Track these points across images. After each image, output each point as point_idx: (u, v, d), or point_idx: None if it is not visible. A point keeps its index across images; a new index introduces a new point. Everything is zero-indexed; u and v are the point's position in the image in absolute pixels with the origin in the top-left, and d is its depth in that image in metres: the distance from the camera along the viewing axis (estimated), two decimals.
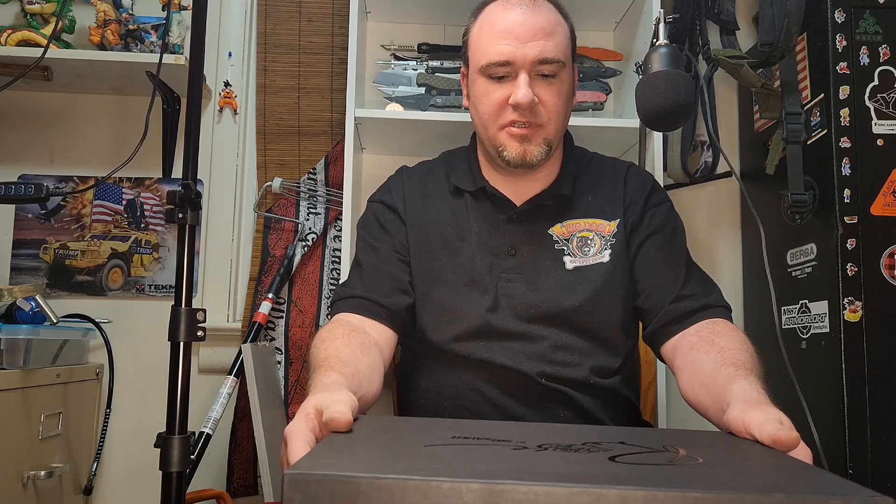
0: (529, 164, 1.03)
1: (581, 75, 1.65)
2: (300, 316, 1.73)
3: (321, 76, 1.80)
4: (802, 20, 1.34)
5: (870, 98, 1.36)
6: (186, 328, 0.93)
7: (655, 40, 1.11)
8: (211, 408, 1.52)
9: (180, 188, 0.96)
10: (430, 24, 1.82)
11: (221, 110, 1.82)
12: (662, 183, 1.49)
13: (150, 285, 1.76)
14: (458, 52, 1.62)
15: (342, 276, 1.55)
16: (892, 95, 1.36)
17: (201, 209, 0.99)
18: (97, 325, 1.68)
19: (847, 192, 1.33)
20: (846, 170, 1.34)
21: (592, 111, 1.65)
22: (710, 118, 1.65)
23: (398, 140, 1.68)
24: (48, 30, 1.63)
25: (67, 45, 1.70)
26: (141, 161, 1.39)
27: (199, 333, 0.94)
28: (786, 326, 1.49)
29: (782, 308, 1.50)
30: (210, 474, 1.66)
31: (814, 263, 1.41)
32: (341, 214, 1.61)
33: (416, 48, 1.78)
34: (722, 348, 0.88)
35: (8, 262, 1.74)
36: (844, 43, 1.37)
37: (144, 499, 1.68)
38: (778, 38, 1.36)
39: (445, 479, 0.44)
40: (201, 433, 1.48)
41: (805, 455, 0.61)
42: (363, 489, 0.44)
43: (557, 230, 1.07)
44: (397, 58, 1.73)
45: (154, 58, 1.48)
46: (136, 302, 1.76)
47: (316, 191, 1.77)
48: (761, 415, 0.65)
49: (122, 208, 1.78)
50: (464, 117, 1.47)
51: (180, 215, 0.96)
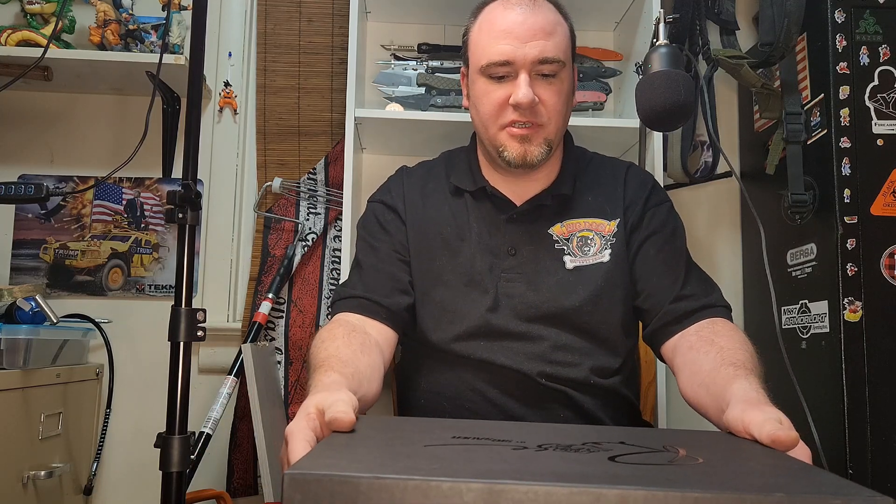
0: (530, 165, 1.03)
1: (581, 75, 1.65)
2: (300, 316, 1.73)
3: (321, 76, 1.80)
4: (802, 20, 1.34)
5: (870, 98, 1.36)
6: (186, 328, 0.93)
7: (655, 40, 1.11)
8: (211, 408, 1.52)
9: (180, 188, 0.96)
10: (430, 24, 1.82)
11: (221, 110, 1.82)
12: (662, 183, 1.49)
13: (150, 285, 1.76)
14: (458, 52, 1.62)
15: (342, 277, 1.55)
16: (892, 95, 1.36)
17: (201, 209, 0.99)
18: (97, 325, 1.68)
19: (847, 192, 1.33)
20: (846, 170, 1.34)
21: (592, 111, 1.65)
22: (710, 118, 1.65)
23: (398, 140, 1.68)
24: (48, 30, 1.63)
25: (67, 45, 1.70)
26: (141, 161, 1.39)
27: (199, 333, 0.94)
28: (786, 326, 1.49)
29: (782, 308, 1.50)
30: (210, 474, 1.66)
31: (814, 263, 1.41)
32: (341, 214, 1.61)
33: (416, 48, 1.78)
34: (721, 348, 0.88)
35: (8, 262, 1.74)
36: (844, 43, 1.37)
37: (144, 499, 1.68)
38: (778, 38, 1.36)
39: (445, 479, 0.44)
40: (201, 433, 1.48)
41: (804, 455, 0.62)
42: (363, 489, 0.44)
43: (557, 230, 1.07)
44: (397, 58, 1.73)
45: (154, 58, 1.48)
46: (136, 302, 1.76)
47: (316, 191, 1.77)
48: (760, 414, 0.65)
49: (122, 208, 1.78)
50: (464, 117, 1.47)
51: (180, 215, 0.96)
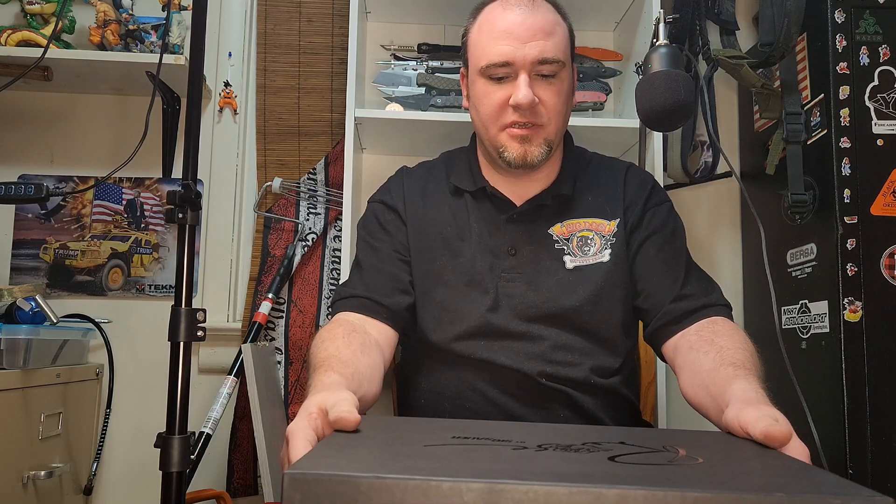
0: (530, 165, 1.03)
1: (581, 75, 1.65)
2: (300, 316, 1.73)
3: (321, 76, 1.80)
4: (802, 20, 1.34)
5: (870, 98, 1.36)
6: (186, 328, 0.93)
7: (655, 40, 1.11)
8: (211, 408, 1.52)
9: (180, 188, 0.96)
10: (430, 24, 1.82)
11: (221, 110, 1.82)
12: (662, 183, 1.49)
13: (150, 285, 1.76)
14: (458, 53, 1.62)
15: (342, 276, 1.55)
16: (892, 95, 1.36)
17: (201, 209, 0.99)
18: (97, 325, 1.68)
19: (847, 192, 1.33)
20: (846, 170, 1.34)
21: (592, 111, 1.65)
22: (710, 118, 1.65)
23: (398, 140, 1.68)
24: (48, 30, 1.63)
25: (67, 45, 1.70)
26: (141, 161, 1.40)
27: (199, 333, 0.94)
28: (786, 326, 1.49)
29: (782, 308, 1.50)
30: (210, 474, 1.66)
31: (814, 263, 1.41)
32: (341, 214, 1.61)
33: (416, 48, 1.78)
34: (721, 348, 0.88)
35: (8, 262, 1.74)
36: (844, 43, 1.37)
37: (144, 499, 1.68)
38: (778, 38, 1.36)
39: (445, 479, 0.44)
40: (201, 433, 1.48)
41: (801, 452, 0.61)
42: (363, 489, 0.44)
43: (557, 230, 1.07)
44: (397, 58, 1.73)
45: (154, 58, 1.48)
46: (136, 302, 1.76)
47: (316, 191, 1.77)
48: (756, 412, 0.65)
49: (122, 208, 1.78)
50: (464, 117, 1.47)
51: (180, 215, 0.96)
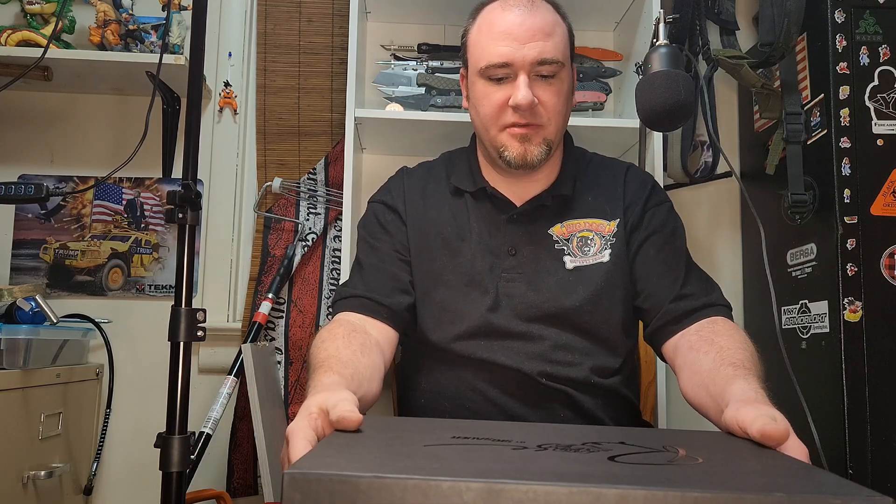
0: (530, 165, 1.03)
1: (581, 75, 1.65)
2: (300, 316, 1.73)
3: (321, 76, 1.80)
4: (802, 20, 1.34)
5: (870, 98, 1.36)
6: (186, 328, 0.93)
7: (655, 40, 1.11)
8: (211, 408, 1.52)
9: (180, 188, 0.96)
10: (430, 24, 1.82)
11: (221, 110, 1.82)
12: (662, 183, 1.49)
13: (150, 285, 1.76)
14: (458, 53, 1.61)
15: (342, 276, 1.55)
16: (892, 95, 1.36)
17: (201, 209, 0.99)
18: (97, 325, 1.68)
19: (847, 192, 1.33)
20: (846, 170, 1.34)
21: (592, 111, 1.65)
22: (710, 118, 1.65)
23: (398, 140, 1.68)
24: (48, 30, 1.63)
25: (67, 45, 1.70)
26: (141, 161, 1.40)
27: (199, 333, 0.94)
28: (786, 326, 1.49)
29: (782, 308, 1.50)
30: (210, 474, 1.66)
31: (814, 263, 1.41)
32: (341, 214, 1.61)
33: (416, 48, 1.78)
34: (721, 348, 0.88)
35: (8, 262, 1.74)
36: (844, 43, 1.37)
37: (144, 499, 1.68)
38: (778, 38, 1.36)
39: (445, 479, 0.44)
40: (201, 433, 1.48)
41: (800, 452, 0.61)
42: (363, 488, 0.44)
43: (557, 230, 1.07)
44: (397, 58, 1.73)
45: (154, 58, 1.48)
46: (136, 302, 1.76)
47: (316, 191, 1.77)
48: (754, 411, 0.65)
49: (122, 208, 1.78)
50: (464, 117, 1.47)
51: (180, 215, 0.96)
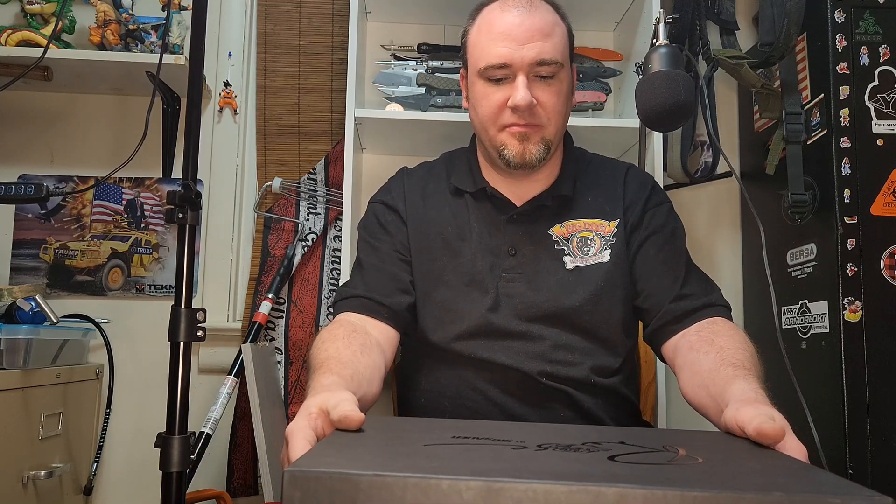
0: (529, 165, 1.03)
1: (581, 75, 1.65)
2: (300, 316, 1.73)
3: (321, 76, 1.80)
4: (802, 20, 1.34)
5: (870, 98, 1.36)
6: (186, 328, 0.93)
7: (655, 40, 1.12)
8: (211, 408, 1.52)
9: (180, 188, 0.96)
10: (430, 24, 1.82)
11: (221, 110, 1.82)
12: (662, 183, 1.49)
13: (150, 285, 1.76)
14: (458, 53, 1.61)
15: (342, 277, 1.55)
16: (892, 95, 1.36)
17: (201, 209, 0.99)
18: (97, 325, 1.68)
19: (847, 192, 1.33)
20: (846, 170, 1.34)
21: (592, 111, 1.65)
22: (710, 118, 1.65)
23: (398, 140, 1.68)
24: (48, 30, 1.63)
25: (67, 45, 1.70)
26: (141, 161, 1.40)
27: (199, 333, 0.94)
28: (786, 326, 1.49)
29: (782, 308, 1.50)
30: (210, 474, 1.66)
31: (814, 263, 1.41)
32: (341, 214, 1.61)
33: (416, 48, 1.78)
34: (721, 348, 0.88)
35: (8, 262, 1.74)
36: (844, 43, 1.37)
37: (144, 499, 1.68)
38: (778, 38, 1.36)
39: (445, 477, 0.44)
40: (201, 433, 1.48)
41: (799, 452, 0.61)
42: (363, 486, 0.44)
43: (557, 230, 1.07)
44: (397, 58, 1.73)
45: (154, 58, 1.48)
46: (136, 302, 1.76)
47: (316, 191, 1.77)
48: (752, 410, 0.65)
49: (122, 208, 1.78)
50: (464, 117, 1.47)
51: (180, 215, 0.96)
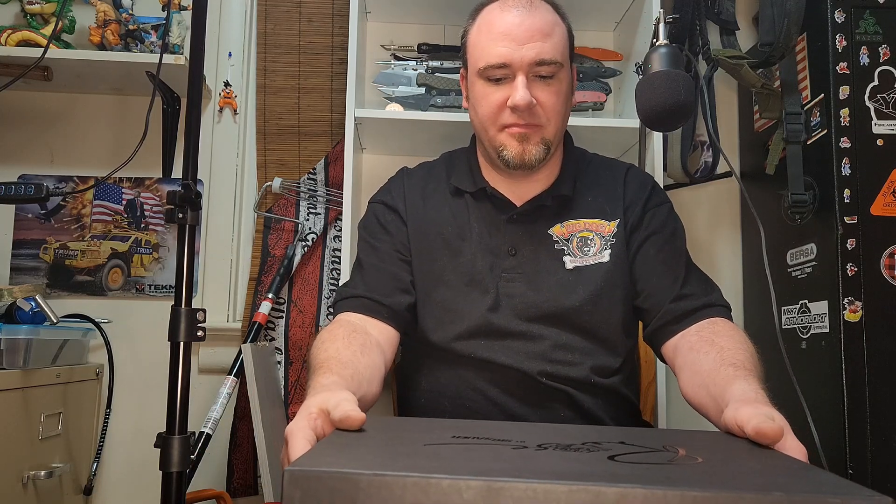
0: (528, 165, 1.03)
1: (581, 75, 1.65)
2: (300, 316, 1.73)
3: (321, 76, 1.80)
4: (802, 20, 1.34)
5: (870, 98, 1.36)
6: (186, 328, 0.93)
7: (655, 40, 1.12)
8: (211, 408, 1.52)
9: (180, 188, 0.96)
10: (430, 24, 1.82)
11: (221, 110, 1.82)
12: (662, 183, 1.49)
13: (150, 285, 1.76)
14: (458, 53, 1.62)
15: (342, 277, 1.55)
16: (892, 95, 1.36)
17: (201, 209, 0.99)
18: (97, 325, 1.68)
19: (847, 192, 1.33)
20: (846, 170, 1.34)
21: (592, 111, 1.65)
22: (710, 118, 1.65)
23: (398, 140, 1.68)
24: (48, 30, 1.63)
25: (67, 45, 1.70)
26: (141, 161, 1.40)
27: (199, 333, 0.94)
28: (786, 326, 1.49)
29: (782, 308, 1.50)
30: (210, 474, 1.66)
31: (814, 263, 1.41)
32: (341, 214, 1.61)
33: (416, 48, 1.78)
34: (721, 348, 0.88)
35: (8, 262, 1.74)
36: (844, 43, 1.37)
37: (144, 499, 1.68)
38: (778, 38, 1.36)
39: (445, 477, 0.44)
40: (201, 433, 1.48)
41: (799, 452, 0.61)
42: (363, 486, 0.44)
43: (557, 230, 1.07)
44: (397, 58, 1.73)
45: (154, 58, 1.48)
46: (136, 302, 1.76)
47: (316, 191, 1.77)
48: (752, 410, 0.65)
49: (122, 208, 1.78)
50: (464, 117, 1.47)
51: (180, 215, 0.96)
